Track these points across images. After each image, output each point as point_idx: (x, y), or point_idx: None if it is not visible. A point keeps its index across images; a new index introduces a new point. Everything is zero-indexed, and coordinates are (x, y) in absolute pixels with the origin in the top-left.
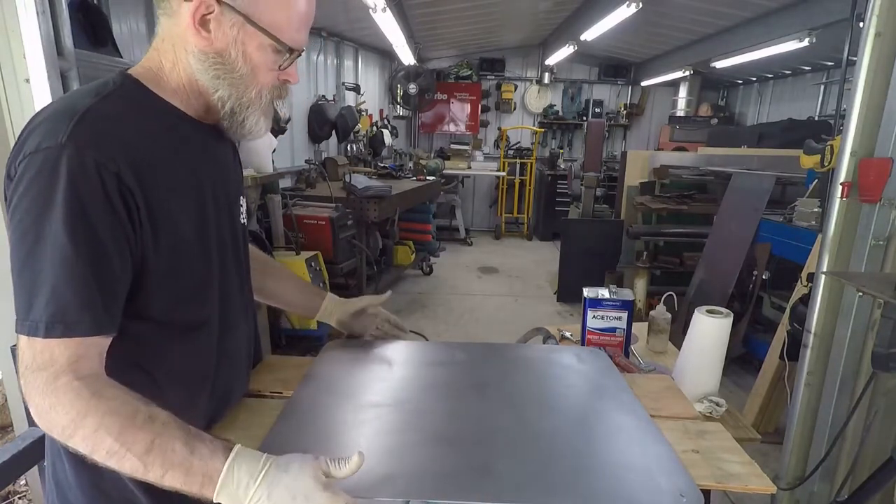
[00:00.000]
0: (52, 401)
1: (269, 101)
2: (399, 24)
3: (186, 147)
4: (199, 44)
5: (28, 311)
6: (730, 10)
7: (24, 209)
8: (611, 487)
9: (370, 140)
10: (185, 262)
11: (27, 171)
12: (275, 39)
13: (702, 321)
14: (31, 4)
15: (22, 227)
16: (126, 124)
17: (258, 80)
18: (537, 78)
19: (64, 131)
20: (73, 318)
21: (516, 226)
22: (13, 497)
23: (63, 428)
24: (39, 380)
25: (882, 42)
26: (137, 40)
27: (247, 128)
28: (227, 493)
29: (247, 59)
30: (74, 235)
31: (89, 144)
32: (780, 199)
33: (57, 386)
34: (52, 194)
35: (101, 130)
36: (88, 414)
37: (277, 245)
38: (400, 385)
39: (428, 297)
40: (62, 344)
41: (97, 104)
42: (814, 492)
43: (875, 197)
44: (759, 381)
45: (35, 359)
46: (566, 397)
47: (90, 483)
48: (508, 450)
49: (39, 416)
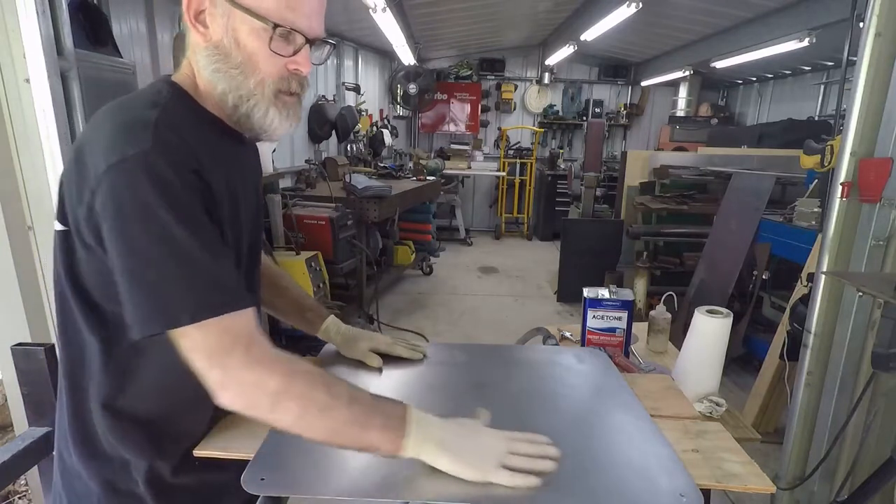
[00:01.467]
0: (258, 371)
1: (274, 93)
2: (399, 24)
3: (224, 153)
4: (201, 41)
5: (170, 304)
6: (730, 10)
7: (132, 217)
8: (611, 487)
9: (370, 140)
10: None
11: (118, 179)
12: (261, 19)
13: (702, 321)
14: (31, 4)
15: (135, 233)
16: (187, 130)
17: (258, 70)
18: (537, 78)
19: (145, 138)
20: (233, 293)
21: (516, 226)
22: (13, 497)
23: (274, 395)
24: (235, 359)
25: (882, 42)
26: (137, 40)
27: (254, 121)
28: (416, 422)
29: (240, 47)
30: (188, 225)
31: (171, 147)
32: (780, 199)
33: (254, 356)
34: (156, 198)
35: (174, 136)
36: (295, 375)
37: (277, 245)
38: (400, 385)
39: (428, 297)
40: (240, 318)
41: (162, 114)
42: (814, 492)
43: (875, 197)
44: (759, 381)
45: (220, 341)
46: (566, 397)
47: (97, 473)
48: None
49: (245, 393)
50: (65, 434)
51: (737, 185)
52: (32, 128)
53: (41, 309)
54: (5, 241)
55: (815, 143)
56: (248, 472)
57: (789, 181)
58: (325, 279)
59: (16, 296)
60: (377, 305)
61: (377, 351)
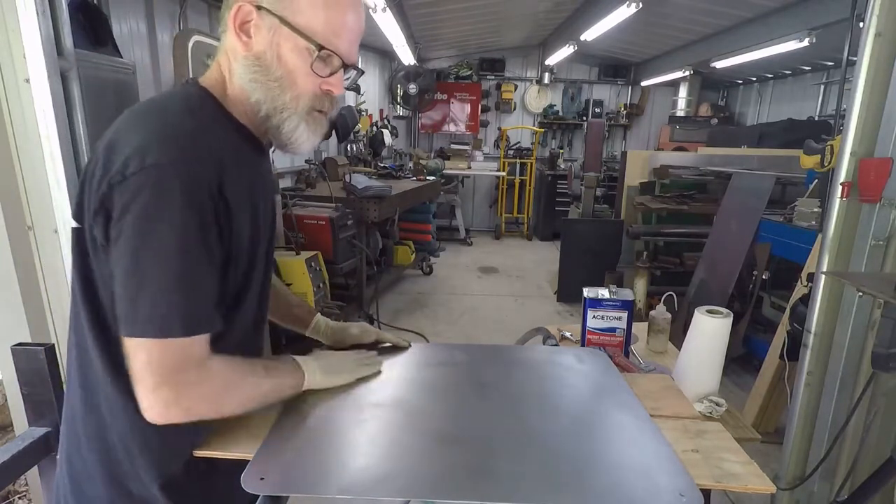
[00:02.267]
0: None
1: (308, 109)
2: (399, 24)
3: (248, 161)
4: (241, 49)
5: (155, 315)
6: (730, 10)
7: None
8: (611, 487)
9: (370, 140)
10: (238, 266)
11: (141, 188)
12: (306, 38)
13: (702, 321)
14: (31, 4)
15: (144, 241)
16: (213, 140)
17: (296, 85)
18: (537, 78)
19: (178, 150)
20: (207, 316)
21: (516, 226)
22: (13, 497)
23: (217, 405)
24: (191, 375)
25: (882, 42)
26: (137, 40)
27: (284, 133)
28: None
29: (282, 62)
30: (194, 244)
31: (196, 161)
32: (780, 199)
33: (208, 368)
34: (172, 210)
35: (202, 148)
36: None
37: (277, 245)
38: (400, 385)
39: (428, 297)
40: (200, 340)
41: (197, 124)
42: (814, 492)
43: (875, 197)
44: (759, 381)
45: (176, 359)
46: (566, 397)
47: (110, 474)
48: (508, 450)
49: (204, 400)
50: (76, 436)
51: (737, 185)
52: (32, 128)
53: (41, 309)
54: (5, 241)
55: (815, 143)
56: (247, 471)
57: (789, 181)
58: (325, 279)
59: (16, 296)
60: (377, 305)
61: (367, 335)
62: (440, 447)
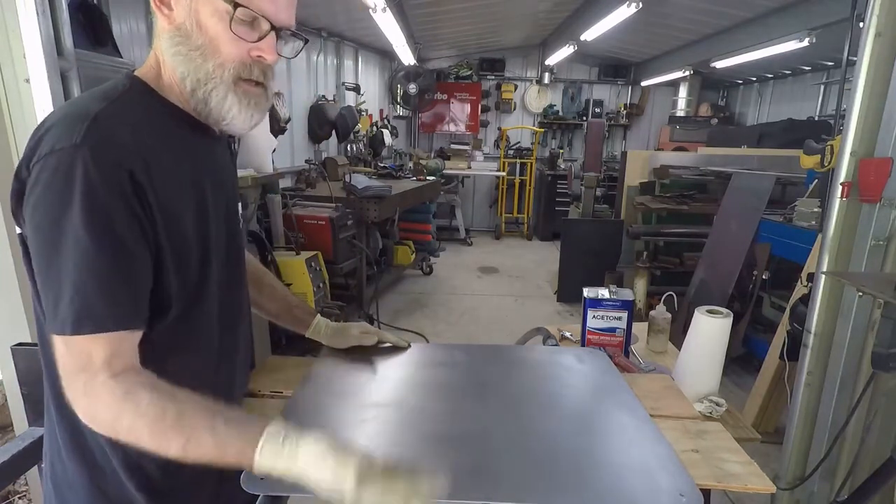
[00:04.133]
0: (92, 401)
1: (234, 79)
2: (399, 24)
3: (188, 147)
4: (165, 24)
5: (56, 311)
6: (730, 10)
7: (43, 211)
8: (611, 487)
9: (370, 140)
10: (186, 260)
11: (43, 172)
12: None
13: (702, 321)
14: (31, 4)
15: (43, 227)
16: (135, 126)
17: (219, 53)
18: (537, 78)
19: (78, 132)
20: (101, 314)
21: (516, 226)
22: (13, 497)
23: (109, 425)
24: (80, 381)
25: (882, 42)
26: (137, 40)
27: (212, 107)
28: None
29: (202, 29)
30: (94, 233)
31: (102, 145)
32: (780, 199)
33: (95, 385)
34: (70, 194)
35: (113, 132)
36: (122, 415)
37: (277, 245)
38: (400, 386)
39: (428, 297)
40: (97, 343)
41: (108, 107)
42: (814, 492)
43: (875, 197)
44: (759, 381)
45: (74, 361)
46: (566, 397)
47: (91, 483)
48: (508, 450)
49: (86, 417)
50: (56, 443)
51: (737, 185)
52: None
53: None
54: (5, 241)
55: (815, 143)
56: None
57: (789, 181)
58: (325, 279)
59: (16, 296)
60: (377, 305)
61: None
62: (440, 447)
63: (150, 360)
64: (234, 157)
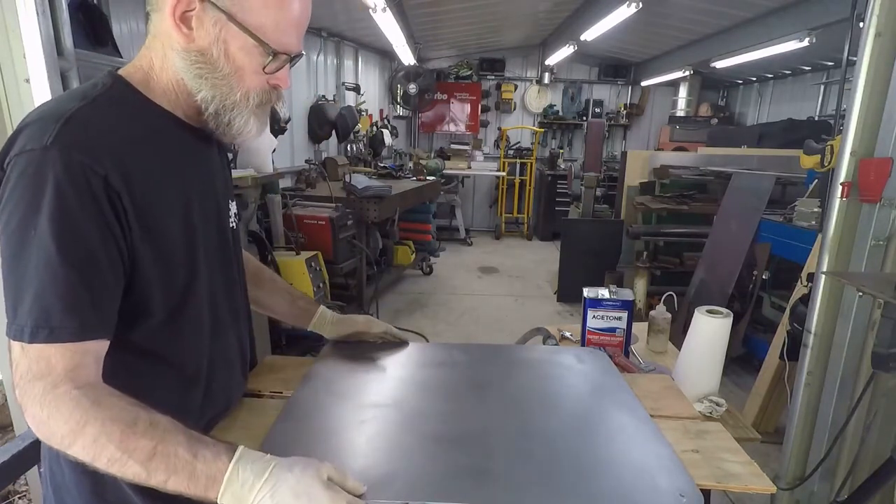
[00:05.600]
0: (50, 411)
1: (257, 105)
2: (399, 24)
3: (173, 150)
4: (181, 41)
5: (14, 315)
6: (730, 10)
7: (10, 211)
8: (611, 487)
9: (370, 140)
10: (172, 265)
11: (13, 171)
12: (259, 41)
13: (702, 321)
14: (31, 4)
15: (8, 230)
16: (113, 127)
17: (244, 82)
18: (537, 78)
19: (50, 133)
20: (58, 323)
21: (516, 226)
22: (13, 497)
23: (62, 437)
24: (37, 389)
25: (882, 42)
26: (137, 40)
27: (234, 129)
28: (231, 493)
29: (230, 60)
30: (59, 238)
31: (75, 147)
32: (780, 199)
33: (56, 395)
34: (38, 197)
35: (87, 134)
36: (88, 423)
37: (277, 245)
38: (400, 386)
39: (428, 297)
40: (59, 352)
41: (84, 107)
42: (814, 492)
43: (875, 197)
44: (759, 381)
45: (31, 367)
46: (566, 398)
47: (90, 488)
48: (508, 450)
49: (37, 425)
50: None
51: (737, 185)
52: None
53: None
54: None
55: (815, 143)
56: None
57: (789, 181)
58: (325, 279)
59: None
60: (377, 305)
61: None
62: (440, 448)
63: (134, 363)
64: (234, 158)
